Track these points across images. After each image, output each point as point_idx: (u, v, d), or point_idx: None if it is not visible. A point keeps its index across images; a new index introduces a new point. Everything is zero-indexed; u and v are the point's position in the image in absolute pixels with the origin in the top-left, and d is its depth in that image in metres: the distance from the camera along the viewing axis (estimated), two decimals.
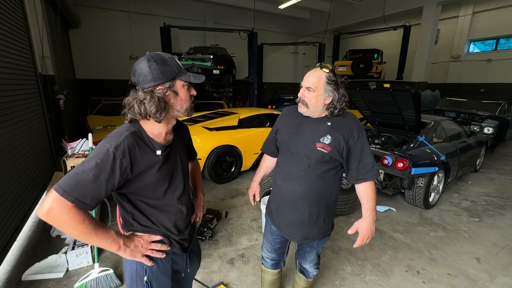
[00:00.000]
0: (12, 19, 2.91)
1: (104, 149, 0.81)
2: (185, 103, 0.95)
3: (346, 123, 1.25)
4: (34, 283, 1.99)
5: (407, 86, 2.89)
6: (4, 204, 2.20)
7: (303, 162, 1.27)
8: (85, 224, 0.78)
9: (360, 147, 1.24)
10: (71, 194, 0.75)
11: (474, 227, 2.94)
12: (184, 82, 0.93)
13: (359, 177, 1.27)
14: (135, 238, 0.95)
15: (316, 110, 1.25)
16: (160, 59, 0.88)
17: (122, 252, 0.89)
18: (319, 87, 1.20)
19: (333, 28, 11.07)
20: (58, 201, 0.75)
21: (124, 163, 0.83)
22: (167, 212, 1.01)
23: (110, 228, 0.87)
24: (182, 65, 0.96)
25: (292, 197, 1.33)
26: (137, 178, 0.89)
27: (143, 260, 0.95)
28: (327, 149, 1.22)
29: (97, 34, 9.01)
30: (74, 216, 0.76)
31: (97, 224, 0.82)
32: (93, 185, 0.78)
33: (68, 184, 0.76)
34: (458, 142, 3.76)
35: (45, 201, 0.75)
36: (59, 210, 0.75)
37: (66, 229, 0.78)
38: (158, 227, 1.00)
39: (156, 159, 0.92)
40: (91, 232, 0.80)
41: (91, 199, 0.79)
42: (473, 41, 11.03)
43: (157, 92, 0.88)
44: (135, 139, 0.88)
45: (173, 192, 1.01)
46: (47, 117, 3.83)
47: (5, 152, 2.34)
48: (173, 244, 1.03)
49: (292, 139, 1.32)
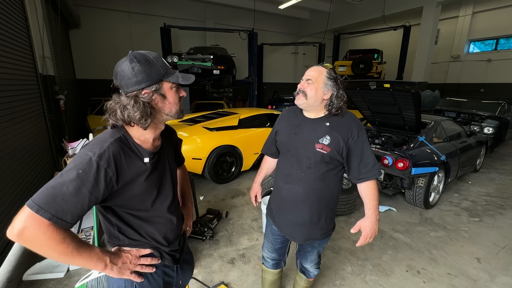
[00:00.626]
0: (12, 19, 2.92)
1: (86, 158, 0.72)
2: (174, 106, 0.87)
3: (345, 123, 1.24)
4: (35, 283, 1.99)
5: (407, 86, 2.89)
6: (5, 204, 2.20)
7: (303, 163, 1.27)
8: (65, 243, 0.69)
9: (361, 147, 1.24)
10: (48, 210, 0.65)
11: (474, 227, 2.95)
12: (172, 83, 0.85)
13: (360, 176, 1.26)
14: (123, 253, 0.87)
15: (314, 103, 1.23)
16: (144, 59, 0.80)
17: (109, 270, 0.81)
18: (319, 79, 1.21)
19: (333, 28, 11.08)
20: (33, 219, 0.65)
21: (109, 173, 0.74)
22: (156, 223, 0.93)
23: (94, 246, 0.78)
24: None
25: (293, 198, 1.33)
26: (123, 189, 0.80)
27: (132, 277, 0.87)
28: (326, 149, 1.22)
29: (97, 34, 9.02)
30: (53, 235, 0.66)
31: (79, 242, 0.73)
32: (74, 199, 0.69)
33: (44, 199, 0.66)
34: (458, 142, 3.77)
35: (16, 219, 0.65)
36: (35, 230, 0.65)
37: (43, 251, 0.68)
38: (147, 240, 0.92)
39: (144, 168, 0.84)
40: (73, 252, 0.70)
41: (71, 215, 0.69)
42: (473, 41, 11.04)
43: (142, 96, 0.80)
44: (121, 146, 0.80)
45: (162, 202, 0.93)
46: (48, 117, 3.83)
47: (5, 152, 2.35)
48: (164, 257, 0.96)
49: (292, 140, 1.32)
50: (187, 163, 1.31)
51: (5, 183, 2.27)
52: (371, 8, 9.46)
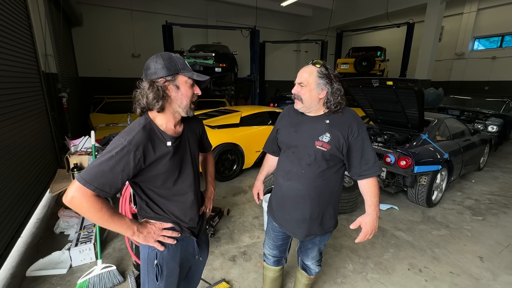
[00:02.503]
0: (15, 17, 2.92)
1: (119, 143, 0.90)
2: (185, 98, 1.00)
3: (345, 120, 1.24)
4: (38, 279, 2.01)
5: (410, 83, 2.87)
6: (8, 201, 2.22)
7: (303, 160, 1.28)
8: (103, 211, 0.87)
9: (361, 143, 1.24)
10: (92, 184, 0.84)
11: (477, 226, 2.92)
12: (187, 78, 0.99)
13: (361, 173, 1.26)
14: (148, 225, 1.03)
15: (311, 105, 1.25)
16: (167, 56, 0.97)
17: (136, 237, 0.97)
18: (310, 81, 1.21)
19: (335, 26, 10.99)
20: (80, 190, 0.83)
21: (138, 155, 0.91)
22: (177, 202, 1.08)
23: (125, 216, 0.96)
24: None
25: (293, 195, 1.34)
26: (149, 168, 0.97)
27: (155, 245, 1.03)
28: (326, 147, 1.22)
29: (99, 32, 9.03)
30: (94, 204, 0.85)
31: (113, 211, 0.91)
32: (110, 175, 0.87)
33: (89, 175, 0.84)
34: (462, 140, 3.73)
35: (69, 189, 0.84)
36: (81, 199, 0.84)
37: (87, 215, 0.87)
38: (168, 216, 1.07)
39: (167, 150, 0.99)
40: (109, 219, 0.89)
41: (110, 187, 0.87)
42: (478, 38, 10.92)
43: (157, 82, 0.95)
44: (147, 132, 0.95)
45: (183, 182, 1.07)
46: (50, 115, 3.85)
47: (9, 149, 2.36)
48: (184, 230, 1.11)
49: (292, 138, 1.32)
50: None
51: (9, 180, 2.29)
52: (374, 5, 9.37)
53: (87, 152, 2.59)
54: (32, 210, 2.75)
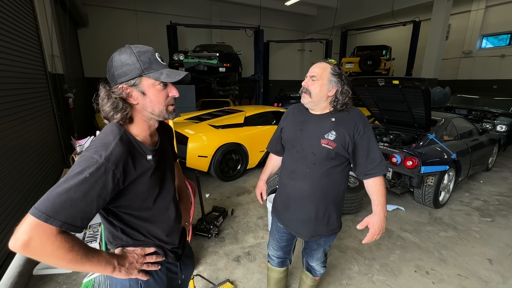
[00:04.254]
0: (22, 19, 2.96)
1: (93, 161, 0.70)
2: (157, 105, 0.81)
3: (351, 118, 1.23)
4: (44, 278, 2.04)
5: (417, 82, 2.82)
6: (16, 199, 2.25)
7: (308, 159, 1.26)
8: (74, 251, 0.67)
9: (367, 142, 1.22)
10: (57, 218, 0.63)
11: (486, 227, 2.87)
12: (154, 80, 0.78)
13: (367, 172, 1.24)
14: (128, 254, 0.86)
15: (319, 101, 1.23)
16: (128, 52, 0.76)
17: (117, 273, 0.79)
18: (323, 76, 1.20)
19: (340, 25, 10.91)
20: (40, 228, 0.61)
21: (117, 174, 0.72)
22: (159, 222, 0.92)
23: (101, 250, 0.78)
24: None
25: (298, 194, 1.32)
26: (128, 188, 0.79)
27: (139, 276, 0.87)
28: (332, 145, 1.21)
29: (104, 33, 9.12)
30: (62, 245, 0.64)
31: (87, 248, 0.71)
32: (83, 203, 0.67)
33: (51, 206, 0.63)
34: (470, 140, 3.66)
35: (19, 230, 0.61)
36: (42, 240, 0.62)
37: (51, 261, 0.65)
38: (151, 239, 0.91)
39: (148, 165, 0.83)
40: (82, 259, 0.69)
41: (81, 220, 0.68)
42: (486, 36, 10.71)
43: (113, 91, 0.77)
44: (126, 145, 0.77)
45: (163, 199, 0.92)
46: (57, 115, 3.90)
47: (17, 149, 2.40)
48: (168, 254, 0.96)
49: (297, 136, 1.31)
50: (193, 160, 1.32)
51: (18, 178, 2.32)
52: (380, 4, 9.27)
53: None
54: None
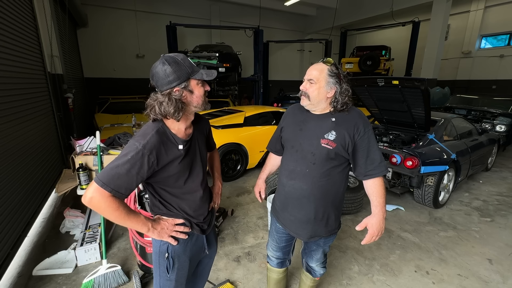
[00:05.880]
0: (21, 18, 2.95)
1: (134, 147, 0.93)
2: (200, 99, 1.04)
3: (351, 118, 1.23)
4: (44, 278, 2.03)
5: (416, 82, 2.83)
6: (15, 200, 2.24)
7: (307, 159, 1.26)
8: (119, 210, 0.93)
9: (367, 142, 1.22)
10: (109, 185, 0.88)
11: (486, 227, 2.87)
12: (198, 80, 1.01)
13: (367, 173, 1.24)
14: (161, 221, 1.09)
15: (318, 103, 1.23)
16: (174, 61, 0.96)
17: (151, 233, 1.03)
18: (320, 79, 1.20)
19: (339, 25, 10.92)
20: (98, 191, 0.88)
21: (151, 159, 0.95)
22: (187, 199, 1.13)
23: (140, 214, 1.01)
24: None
25: (297, 194, 1.32)
26: (162, 170, 1.02)
27: (169, 240, 1.09)
28: (331, 145, 1.20)
29: (104, 33, 9.10)
30: (111, 204, 0.90)
31: (129, 210, 0.96)
32: (126, 177, 0.91)
33: (106, 177, 0.89)
34: (469, 140, 3.67)
35: (87, 190, 0.89)
36: (99, 199, 0.89)
37: (104, 214, 0.93)
38: (179, 212, 1.13)
39: (179, 153, 1.03)
40: (125, 217, 0.94)
41: (125, 189, 0.92)
42: (485, 36, 10.73)
43: (174, 94, 0.97)
44: (160, 136, 0.99)
45: (193, 181, 1.12)
46: (56, 115, 3.89)
47: (16, 149, 2.39)
48: (194, 227, 1.16)
49: (297, 136, 1.31)
50: None
51: (16, 179, 2.31)
52: (379, 4, 9.28)
53: (92, 152, 2.60)
54: (39, 210, 2.77)
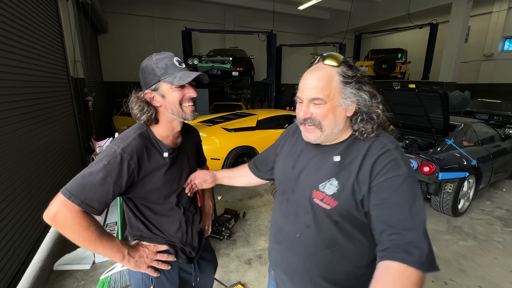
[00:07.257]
0: (49, 26, 3.14)
1: (111, 151, 0.80)
2: (175, 105, 0.87)
3: (365, 147, 0.73)
4: (64, 273, 2.12)
5: (434, 86, 2.75)
6: (38, 198, 2.36)
7: (300, 217, 0.81)
8: (90, 230, 0.76)
9: (390, 193, 0.66)
10: (77, 197, 0.73)
11: (510, 238, 2.73)
12: (170, 84, 0.86)
13: (382, 246, 0.66)
14: (140, 248, 0.91)
15: (333, 132, 0.76)
16: (148, 63, 0.87)
17: (126, 262, 0.86)
18: (332, 93, 0.72)
19: (354, 28, 10.79)
20: (65, 204, 0.73)
21: (132, 165, 0.81)
22: (173, 219, 0.96)
23: (115, 237, 0.85)
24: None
25: (285, 267, 0.87)
26: (143, 181, 0.86)
27: (148, 271, 0.91)
28: (329, 203, 0.73)
29: (123, 39, 9.48)
30: (80, 221, 0.74)
31: (102, 231, 0.80)
32: (100, 188, 0.76)
33: (75, 187, 0.75)
34: (491, 146, 3.51)
35: (51, 204, 0.74)
36: (65, 215, 0.73)
37: (70, 235, 0.76)
38: (164, 235, 0.96)
39: (163, 162, 0.90)
40: (96, 240, 0.77)
41: (98, 202, 0.77)
42: (509, 38, 10.27)
43: (141, 96, 0.89)
44: (143, 140, 0.86)
45: (180, 198, 0.97)
46: (77, 117, 4.07)
47: (41, 149, 2.52)
48: (179, 255, 0.98)
49: (288, 176, 0.86)
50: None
51: (40, 178, 2.44)
52: (395, 6, 9.11)
53: None
54: None
